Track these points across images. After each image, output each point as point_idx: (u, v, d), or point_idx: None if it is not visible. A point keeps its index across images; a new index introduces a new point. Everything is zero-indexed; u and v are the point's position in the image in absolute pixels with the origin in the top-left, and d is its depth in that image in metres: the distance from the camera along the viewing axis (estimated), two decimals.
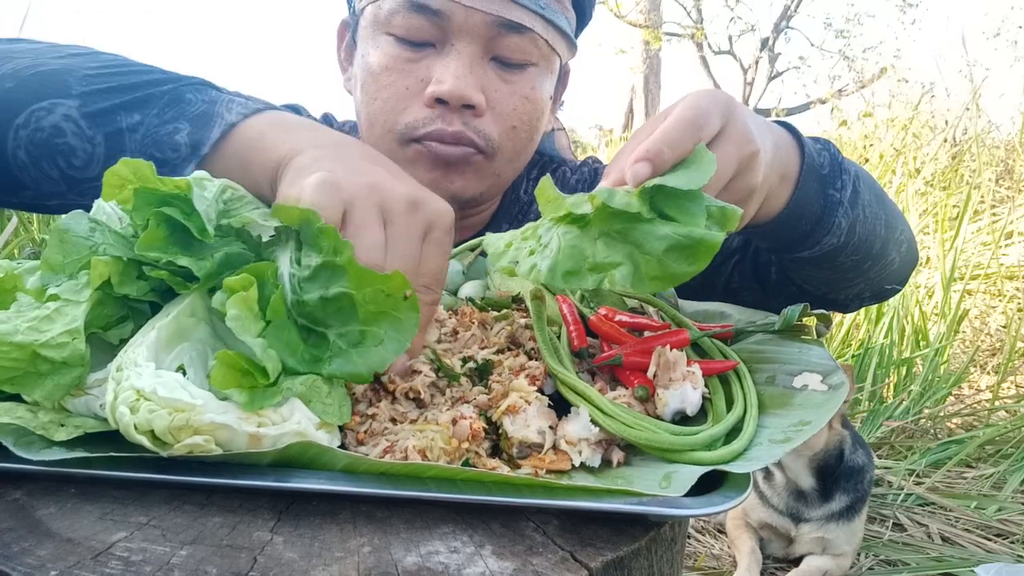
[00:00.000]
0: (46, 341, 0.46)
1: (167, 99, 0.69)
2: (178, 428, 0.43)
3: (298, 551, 0.40)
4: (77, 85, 0.69)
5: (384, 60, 0.87)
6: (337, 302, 0.51)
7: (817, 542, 1.93)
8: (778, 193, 0.72)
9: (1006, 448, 2.69)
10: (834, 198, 0.76)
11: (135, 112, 0.69)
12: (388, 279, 0.51)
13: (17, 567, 0.37)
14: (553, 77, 0.95)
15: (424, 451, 0.49)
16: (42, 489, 0.45)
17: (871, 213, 0.82)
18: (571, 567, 0.40)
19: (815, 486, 1.91)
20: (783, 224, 0.75)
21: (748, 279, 0.97)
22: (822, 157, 0.76)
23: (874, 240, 0.83)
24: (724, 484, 0.47)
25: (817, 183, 0.75)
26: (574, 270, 0.51)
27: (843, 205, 0.77)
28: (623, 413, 0.53)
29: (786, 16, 9.74)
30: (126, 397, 0.43)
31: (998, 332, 3.68)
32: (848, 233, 0.79)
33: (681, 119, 0.56)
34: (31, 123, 0.68)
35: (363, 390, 0.55)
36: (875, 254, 0.85)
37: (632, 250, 0.51)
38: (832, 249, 0.80)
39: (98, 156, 0.68)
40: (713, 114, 0.58)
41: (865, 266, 0.85)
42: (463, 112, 0.86)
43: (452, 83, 0.83)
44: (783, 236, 0.79)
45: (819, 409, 0.54)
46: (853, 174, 0.79)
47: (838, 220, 0.77)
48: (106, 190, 0.53)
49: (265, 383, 0.47)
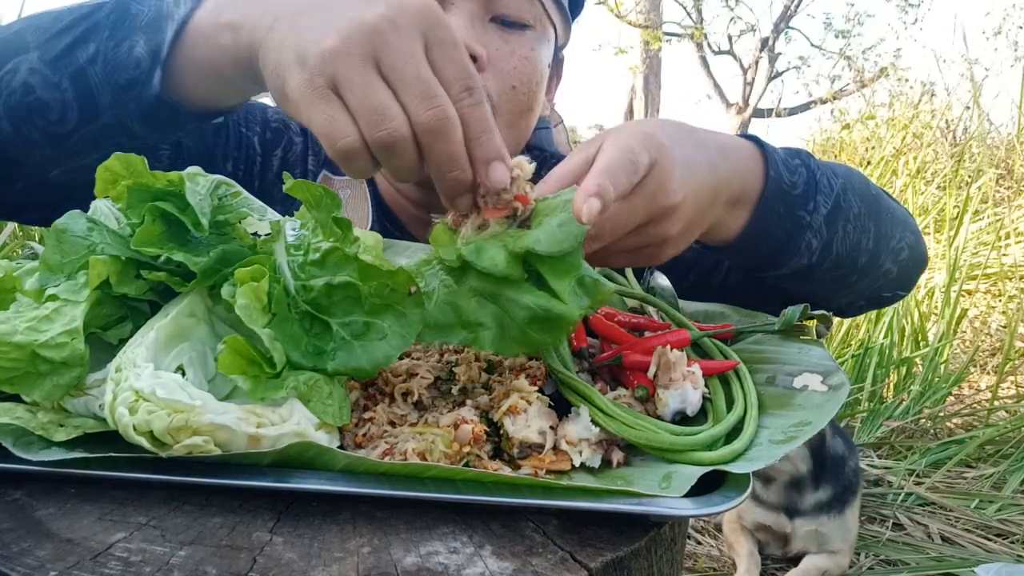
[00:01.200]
0: (45, 341, 0.46)
1: (114, 18, 0.65)
2: (177, 429, 0.43)
3: (298, 551, 0.40)
4: (33, 38, 0.67)
5: None
6: (343, 290, 0.51)
7: (812, 536, 1.93)
8: (727, 221, 0.70)
9: (1006, 448, 2.68)
10: (803, 220, 0.74)
11: (89, 43, 0.65)
12: (393, 274, 0.51)
13: (17, 567, 0.37)
14: (550, 47, 0.95)
15: (424, 454, 0.49)
16: (42, 489, 0.44)
17: (855, 228, 0.79)
18: (571, 567, 0.40)
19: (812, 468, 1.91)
20: (740, 249, 0.74)
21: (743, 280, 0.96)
22: (796, 175, 0.74)
23: (858, 255, 0.80)
24: (724, 484, 0.47)
25: (784, 205, 0.72)
26: (445, 325, 0.53)
27: (812, 227, 0.74)
28: (623, 413, 0.53)
29: (786, 16, 9.73)
30: (125, 398, 0.43)
31: (998, 332, 3.68)
32: (822, 252, 0.76)
33: (619, 158, 0.55)
34: (2, 89, 0.67)
35: (356, 396, 0.55)
36: (861, 268, 0.82)
37: (500, 313, 0.52)
38: (803, 268, 0.77)
39: (70, 103, 0.66)
40: (642, 160, 0.56)
41: (851, 280, 0.83)
42: None
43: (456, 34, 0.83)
44: (743, 259, 0.78)
45: (819, 409, 0.54)
46: (837, 189, 0.77)
47: (808, 241, 0.74)
48: (99, 185, 0.52)
49: (270, 373, 0.48)
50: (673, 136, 0.62)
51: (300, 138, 1.00)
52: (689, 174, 0.61)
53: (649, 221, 0.59)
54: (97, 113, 0.66)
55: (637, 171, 0.56)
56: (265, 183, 1.00)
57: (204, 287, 0.53)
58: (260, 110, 1.01)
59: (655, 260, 0.64)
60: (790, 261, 0.75)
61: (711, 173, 0.65)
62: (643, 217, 0.59)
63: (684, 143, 0.63)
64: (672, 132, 0.63)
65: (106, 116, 0.66)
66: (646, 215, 0.59)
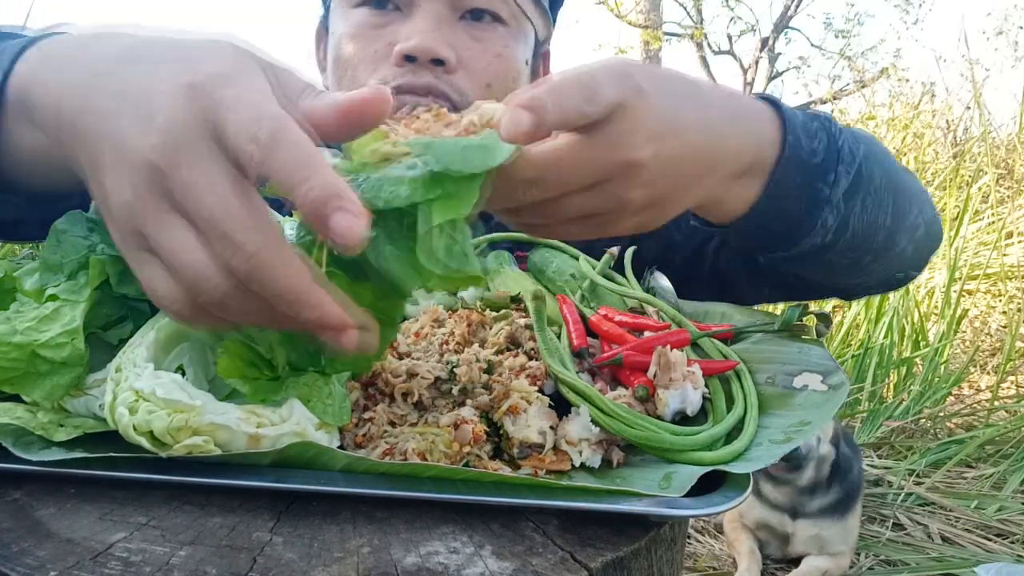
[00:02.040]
0: (45, 341, 0.46)
1: None
2: (177, 429, 0.43)
3: (298, 551, 0.40)
4: None
5: (351, 29, 0.86)
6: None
7: (813, 540, 1.93)
8: (733, 195, 0.61)
9: (1006, 448, 2.69)
10: (822, 193, 0.64)
11: None
12: None
13: (17, 567, 0.37)
14: (527, 42, 0.92)
15: (424, 454, 0.49)
16: (41, 489, 0.44)
17: (874, 202, 0.68)
18: (571, 567, 0.40)
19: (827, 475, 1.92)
20: (748, 227, 0.65)
21: (737, 261, 0.91)
22: (816, 142, 0.64)
23: (876, 233, 0.70)
24: (724, 484, 0.47)
25: (802, 176, 0.63)
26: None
27: (831, 202, 0.65)
28: (623, 413, 0.53)
29: (786, 16, 9.73)
30: (125, 398, 0.43)
31: (998, 332, 3.68)
32: (838, 231, 0.67)
33: (575, 81, 0.46)
34: None
35: (356, 396, 0.55)
36: (877, 247, 0.72)
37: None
38: (815, 249, 0.68)
39: None
40: (604, 93, 0.46)
41: (865, 261, 0.73)
42: (433, 69, 0.83)
43: (419, 38, 0.81)
44: (749, 238, 0.68)
45: (819, 409, 0.54)
46: (860, 157, 0.67)
47: (824, 218, 0.65)
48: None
49: (270, 376, 0.47)
50: (661, 83, 0.51)
51: None
52: (669, 130, 0.50)
53: (606, 178, 0.49)
54: None
55: (592, 101, 0.46)
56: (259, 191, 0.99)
57: None
58: None
59: (607, 231, 0.54)
60: (802, 241, 0.66)
61: (706, 137, 0.54)
62: (598, 170, 0.48)
63: (675, 94, 0.52)
64: (661, 79, 0.51)
65: None
66: (601, 169, 0.48)
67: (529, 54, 0.94)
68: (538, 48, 0.97)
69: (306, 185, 0.36)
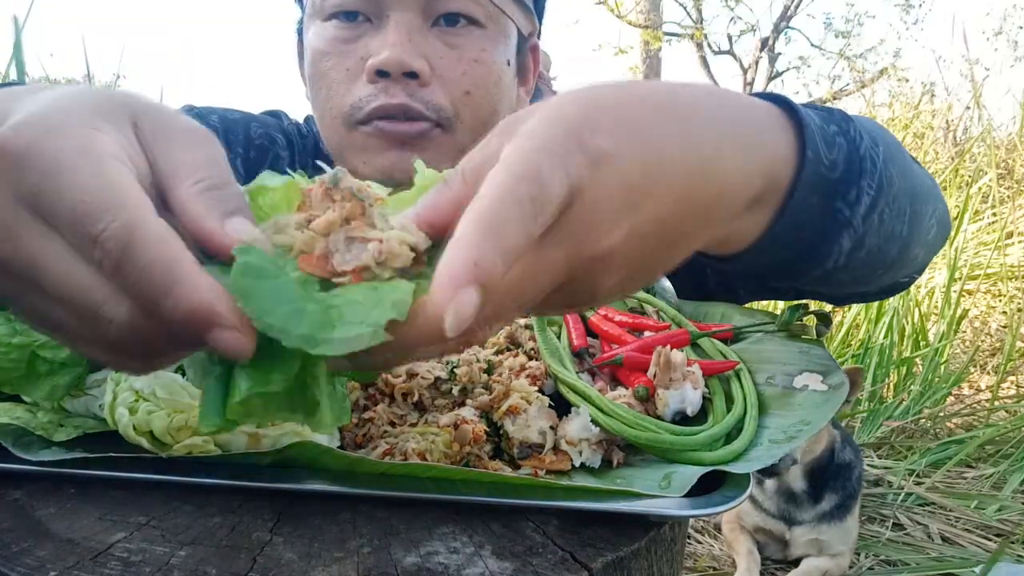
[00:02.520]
0: (45, 342, 0.46)
1: None
2: (177, 429, 0.43)
3: (298, 551, 0.40)
4: None
5: (323, 45, 0.85)
6: None
7: (812, 544, 1.94)
8: (741, 230, 0.50)
9: (1006, 448, 2.69)
10: (842, 215, 0.53)
11: None
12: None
13: (17, 567, 0.37)
14: (508, 42, 0.90)
15: (424, 454, 0.49)
16: (41, 489, 0.44)
17: (891, 212, 0.57)
18: (571, 567, 0.40)
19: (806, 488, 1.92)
20: (751, 261, 0.54)
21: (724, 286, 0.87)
22: (835, 151, 0.52)
23: (890, 247, 0.60)
24: (724, 484, 0.47)
25: (820, 196, 0.51)
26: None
27: (852, 226, 0.54)
28: (623, 413, 0.53)
29: (786, 16, 9.73)
30: (125, 398, 0.43)
31: (998, 332, 3.68)
32: (851, 252, 0.56)
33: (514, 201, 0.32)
34: None
35: (356, 396, 0.55)
36: (890, 261, 0.62)
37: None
38: (823, 275, 0.58)
39: None
40: (551, 191, 0.34)
41: (875, 276, 0.64)
42: (407, 83, 0.82)
43: (389, 51, 0.80)
44: (752, 269, 0.57)
45: (819, 409, 0.54)
46: (880, 164, 0.55)
47: (840, 243, 0.54)
48: None
49: None
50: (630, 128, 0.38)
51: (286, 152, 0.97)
52: (645, 192, 0.38)
53: (568, 280, 0.37)
54: None
55: (542, 212, 0.33)
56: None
57: None
58: (242, 127, 0.96)
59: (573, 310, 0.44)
60: (811, 270, 0.56)
61: (701, 175, 0.41)
62: (557, 276, 0.37)
63: (650, 133, 0.39)
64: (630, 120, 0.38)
65: None
66: (562, 272, 0.37)
67: (512, 53, 0.91)
68: (523, 44, 0.94)
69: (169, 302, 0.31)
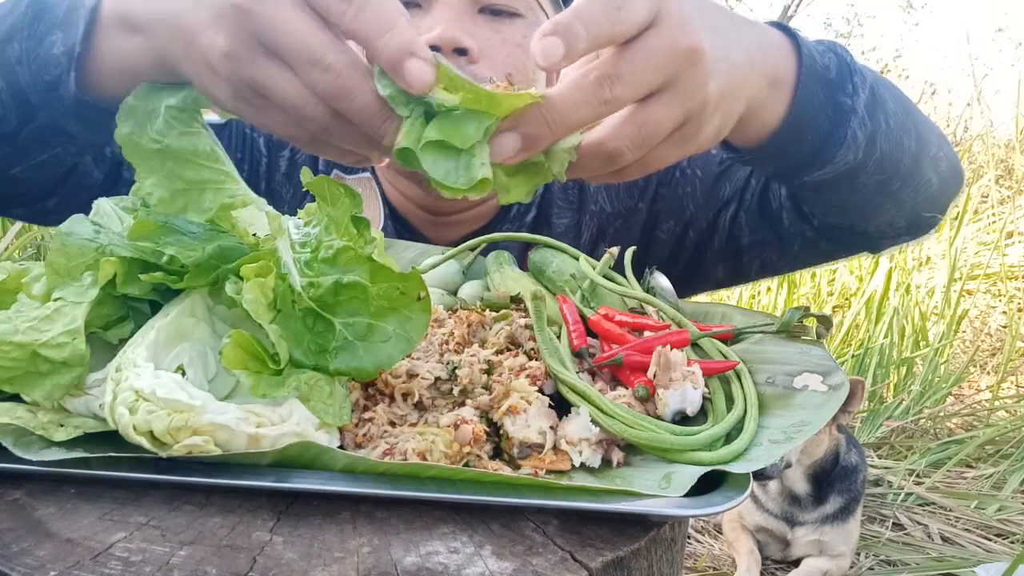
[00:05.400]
0: (46, 341, 0.46)
1: (32, 14, 0.61)
2: (177, 429, 0.43)
3: (297, 551, 0.40)
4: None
5: None
6: (350, 290, 0.51)
7: (813, 544, 1.93)
8: (772, 102, 0.62)
9: (1006, 448, 2.69)
10: (845, 104, 0.66)
11: (13, 42, 0.61)
12: (405, 277, 0.51)
13: (17, 567, 0.37)
14: None
15: (424, 454, 0.49)
16: (42, 489, 0.44)
17: (897, 124, 0.71)
18: (571, 567, 0.40)
19: (809, 491, 1.92)
20: (786, 141, 0.66)
21: (758, 229, 0.94)
22: (826, 59, 0.66)
23: (901, 155, 0.72)
24: (724, 484, 0.47)
25: (823, 89, 0.65)
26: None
27: (857, 113, 0.67)
28: (623, 413, 0.53)
29: (786, 16, 9.72)
30: (125, 398, 0.43)
31: (998, 332, 3.68)
32: (867, 148, 0.69)
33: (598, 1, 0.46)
34: None
35: (357, 396, 0.55)
36: (904, 172, 0.74)
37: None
38: (849, 168, 0.69)
39: (7, 103, 0.63)
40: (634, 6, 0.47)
41: (894, 187, 0.75)
42: (457, 59, 0.85)
43: (442, 28, 0.82)
44: (788, 156, 0.69)
45: (819, 410, 0.54)
46: (871, 80, 0.69)
47: (852, 131, 0.67)
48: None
49: (273, 370, 0.48)
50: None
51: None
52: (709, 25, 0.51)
53: (675, 72, 0.49)
54: (33, 112, 0.63)
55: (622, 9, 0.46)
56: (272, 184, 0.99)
57: (204, 287, 0.53)
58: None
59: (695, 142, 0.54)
60: (837, 154, 0.68)
61: (739, 35, 0.56)
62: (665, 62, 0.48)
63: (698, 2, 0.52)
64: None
65: (41, 116, 0.63)
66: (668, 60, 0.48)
67: None
68: None
69: (386, 38, 0.44)
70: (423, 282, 0.52)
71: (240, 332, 0.47)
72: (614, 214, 1.03)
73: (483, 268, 0.83)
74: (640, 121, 0.49)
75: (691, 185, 1.00)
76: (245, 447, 0.45)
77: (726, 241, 0.98)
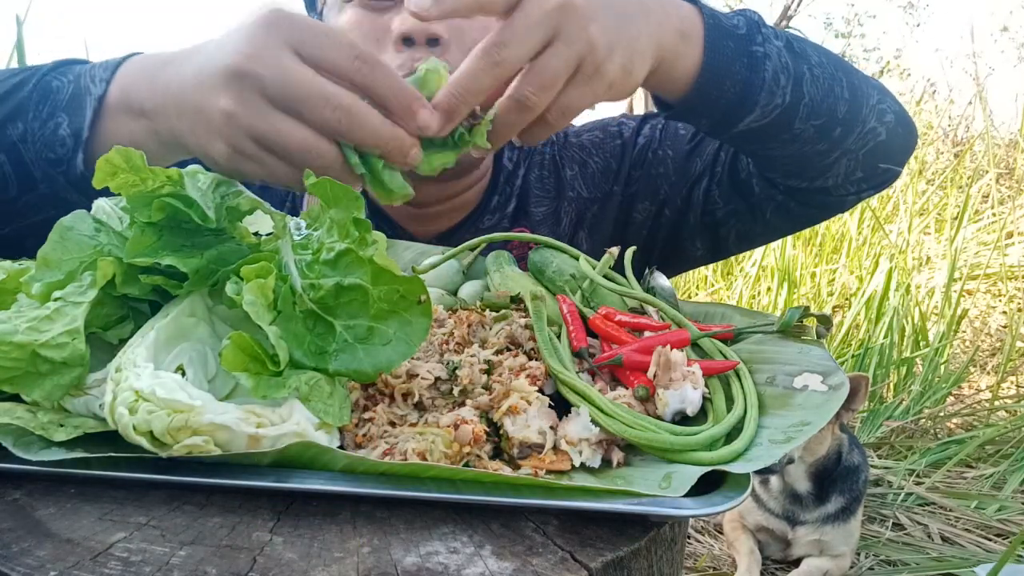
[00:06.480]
0: (46, 341, 0.46)
1: (37, 97, 0.67)
2: (177, 429, 0.43)
3: (297, 551, 0.40)
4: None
5: (349, 25, 0.88)
6: (351, 292, 0.51)
7: (814, 544, 1.93)
8: (685, 54, 0.69)
9: (1006, 448, 2.69)
10: (758, 52, 0.73)
11: (17, 121, 0.66)
12: (406, 281, 0.51)
13: (17, 567, 0.37)
14: None
15: (424, 454, 0.49)
16: (41, 489, 0.44)
17: (824, 73, 0.77)
18: (571, 567, 0.40)
19: (811, 490, 1.92)
20: (707, 88, 0.72)
21: (731, 200, 0.96)
22: (735, 20, 0.74)
23: (835, 103, 0.78)
24: (724, 484, 0.47)
25: (732, 40, 0.72)
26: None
27: (771, 59, 0.73)
28: (623, 413, 0.53)
29: (786, 16, 9.72)
30: (125, 398, 0.43)
31: (998, 332, 3.68)
32: (794, 92, 0.75)
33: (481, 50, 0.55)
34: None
35: (356, 396, 0.55)
36: (842, 118, 0.79)
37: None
38: (781, 112, 0.75)
39: (9, 175, 0.67)
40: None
41: (835, 133, 0.80)
42: (431, 52, 0.85)
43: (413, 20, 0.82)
44: (716, 104, 0.74)
45: (819, 410, 0.54)
46: (784, 35, 0.77)
47: (772, 75, 0.73)
48: (98, 176, 0.52)
49: (273, 371, 0.48)
50: None
51: None
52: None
53: (555, 34, 0.56)
54: (34, 184, 0.68)
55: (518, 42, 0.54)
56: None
57: (204, 287, 0.53)
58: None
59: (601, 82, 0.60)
60: (759, 96, 0.73)
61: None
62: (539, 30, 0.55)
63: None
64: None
65: (42, 187, 0.67)
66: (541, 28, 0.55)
67: None
68: None
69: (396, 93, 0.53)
70: (424, 286, 0.52)
71: (240, 334, 0.47)
72: (591, 199, 1.05)
73: (483, 268, 0.83)
74: (537, 69, 0.56)
75: (663, 165, 1.02)
76: (245, 447, 0.45)
77: (701, 216, 1.00)
